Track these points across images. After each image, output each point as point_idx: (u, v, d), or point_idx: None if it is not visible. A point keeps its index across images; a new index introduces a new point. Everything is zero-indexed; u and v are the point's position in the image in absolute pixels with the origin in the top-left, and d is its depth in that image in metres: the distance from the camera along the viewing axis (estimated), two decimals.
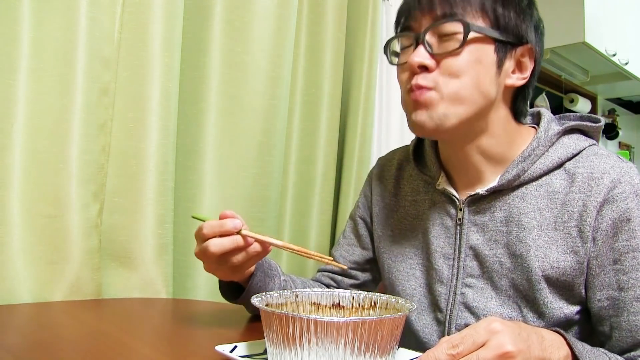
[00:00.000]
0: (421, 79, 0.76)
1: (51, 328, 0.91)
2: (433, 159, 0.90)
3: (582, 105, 3.60)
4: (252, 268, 0.84)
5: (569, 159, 0.80)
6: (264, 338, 0.62)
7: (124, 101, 1.19)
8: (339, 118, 1.67)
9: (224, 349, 0.68)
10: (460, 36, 0.75)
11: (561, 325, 0.78)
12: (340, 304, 0.72)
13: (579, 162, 0.79)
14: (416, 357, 0.59)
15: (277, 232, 1.49)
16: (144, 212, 1.20)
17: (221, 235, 0.75)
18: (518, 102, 0.84)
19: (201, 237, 0.76)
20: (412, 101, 0.78)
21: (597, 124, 0.84)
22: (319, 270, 1.07)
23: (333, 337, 0.56)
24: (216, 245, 0.74)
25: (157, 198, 1.21)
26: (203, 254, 0.76)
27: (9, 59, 1.03)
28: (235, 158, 1.36)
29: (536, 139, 0.81)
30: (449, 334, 0.83)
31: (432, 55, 0.76)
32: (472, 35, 0.75)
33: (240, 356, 0.66)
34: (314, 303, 0.72)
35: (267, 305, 0.66)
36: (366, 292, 0.72)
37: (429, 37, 0.77)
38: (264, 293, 0.68)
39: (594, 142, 0.83)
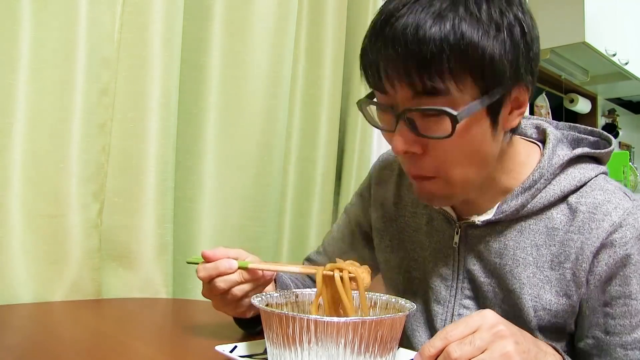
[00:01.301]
0: (417, 169, 0.69)
1: (51, 328, 0.91)
2: None
3: (582, 105, 3.60)
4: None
5: (573, 192, 0.74)
6: (264, 338, 0.62)
7: (124, 101, 1.19)
8: (339, 118, 1.66)
9: (224, 349, 0.68)
10: (448, 119, 0.63)
11: None
12: None
13: (583, 196, 0.73)
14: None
15: (277, 232, 1.49)
16: (144, 212, 1.20)
17: (219, 276, 0.73)
18: (516, 127, 0.73)
19: (201, 279, 0.75)
20: (418, 190, 0.73)
21: (607, 150, 0.78)
22: (306, 259, 1.04)
23: (333, 337, 0.56)
24: (222, 281, 0.73)
25: (157, 198, 1.21)
26: (209, 293, 0.75)
27: (9, 58, 1.03)
28: (235, 158, 1.36)
29: (539, 169, 0.74)
30: None
31: (418, 135, 0.66)
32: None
33: (240, 356, 0.66)
34: None
35: (267, 305, 0.66)
36: (366, 292, 0.72)
37: (410, 114, 0.66)
38: (264, 293, 0.69)
39: (602, 169, 0.77)
